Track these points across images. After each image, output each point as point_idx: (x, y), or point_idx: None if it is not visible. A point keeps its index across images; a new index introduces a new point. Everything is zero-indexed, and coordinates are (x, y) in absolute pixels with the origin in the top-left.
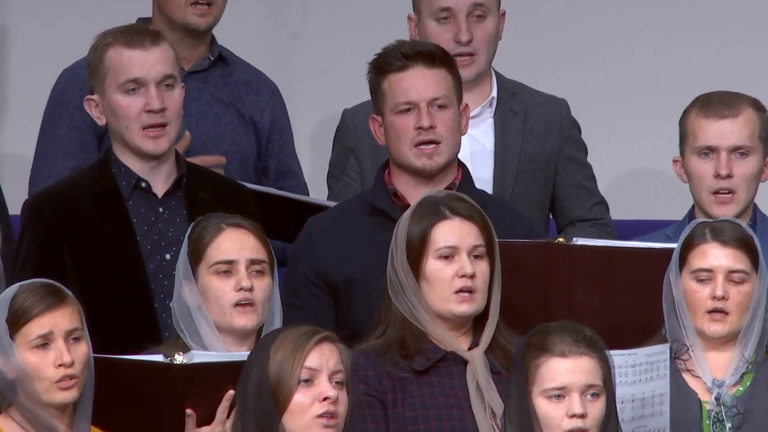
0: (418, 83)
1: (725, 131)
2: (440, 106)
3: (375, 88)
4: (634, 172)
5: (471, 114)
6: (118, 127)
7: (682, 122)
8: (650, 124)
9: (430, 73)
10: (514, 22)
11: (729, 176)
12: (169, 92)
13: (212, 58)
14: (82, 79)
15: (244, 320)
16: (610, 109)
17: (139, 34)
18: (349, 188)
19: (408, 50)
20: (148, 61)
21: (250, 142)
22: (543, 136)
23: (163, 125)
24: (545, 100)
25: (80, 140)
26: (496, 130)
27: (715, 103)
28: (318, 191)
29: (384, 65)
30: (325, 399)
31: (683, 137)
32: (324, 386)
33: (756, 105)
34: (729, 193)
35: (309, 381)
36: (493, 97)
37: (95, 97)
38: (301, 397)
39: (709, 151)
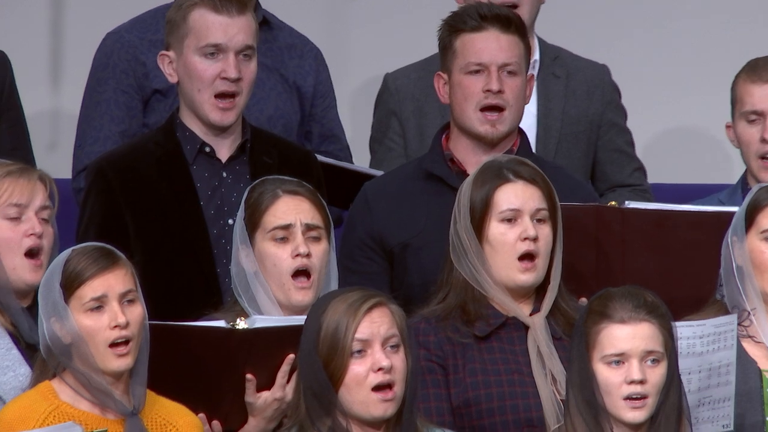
0: (492, 46)
1: None
2: (510, 72)
3: (446, 45)
4: (675, 136)
5: None
6: (190, 89)
7: (733, 87)
8: (692, 88)
9: (504, 37)
10: None
11: None
12: (247, 63)
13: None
14: (127, 43)
15: (302, 296)
16: (652, 74)
17: (227, 0)
18: (392, 152)
19: (485, 12)
20: (231, 29)
21: (294, 106)
22: (585, 100)
23: (234, 95)
24: (587, 64)
25: (126, 104)
26: (539, 94)
27: (761, 67)
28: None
29: (459, 24)
30: (379, 369)
31: (733, 103)
32: (377, 356)
33: None
34: None
35: (362, 351)
36: (535, 60)
37: (171, 53)
38: (356, 368)
39: (756, 115)
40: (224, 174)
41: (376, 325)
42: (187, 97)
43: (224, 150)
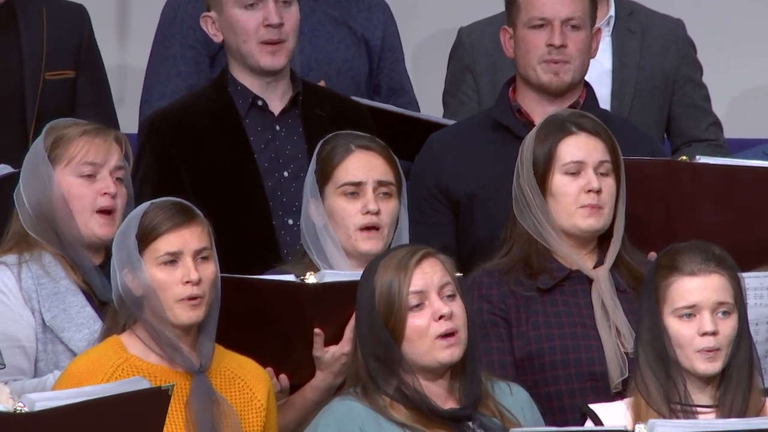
0: (555, 1)
1: None
2: (574, 27)
3: (511, 0)
4: (752, 91)
5: None
6: (236, 43)
7: None
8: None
9: None
10: None
11: None
12: (287, 9)
13: None
14: None
15: (369, 245)
16: (728, 28)
17: None
18: (465, 106)
19: None
20: None
21: (362, 59)
22: (660, 55)
23: (280, 41)
24: (662, 19)
25: (193, 59)
26: (614, 49)
27: None
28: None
29: None
30: (440, 317)
31: None
32: (436, 305)
33: None
34: None
35: (420, 305)
36: (611, 16)
37: (212, 14)
38: (416, 321)
39: None
40: (277, 127)
41: (428, 275)
42: (234, 52)
43: (276, 103)
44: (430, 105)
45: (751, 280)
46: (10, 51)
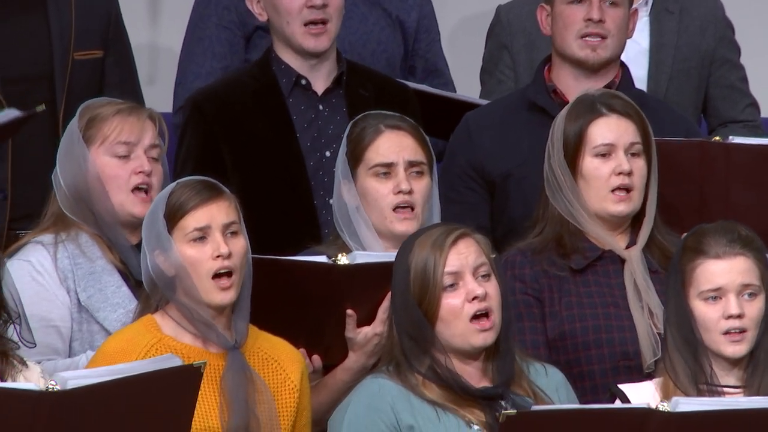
0: None
1: None
2: (612, 3)
3: None
4: None
5: None
6: (279, 23)
7: None
8: None
9: None
10: None
11: None
12: None
13: None
14: None
15: (405, 226)
16: (765, 9)
17: None
18: (502, 85)
19: None
20: None
21: (397, 41)
22: (698, 36)
23: (324, 21)
24: (701, 0)
25: (228, 40)
26: (652, 29)
27: None
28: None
29: None
30: (474, 298)
31: None
32: (471, 285)
33: None
34: None
35: (454, 285)
36: None
37: None
38: (451, 301)
39: None
40: (320, 107)
41: (463, 256)
42: (278, 32)
43: (320, 83)
44: (466, 85)
45: None
46: (39, 31)
